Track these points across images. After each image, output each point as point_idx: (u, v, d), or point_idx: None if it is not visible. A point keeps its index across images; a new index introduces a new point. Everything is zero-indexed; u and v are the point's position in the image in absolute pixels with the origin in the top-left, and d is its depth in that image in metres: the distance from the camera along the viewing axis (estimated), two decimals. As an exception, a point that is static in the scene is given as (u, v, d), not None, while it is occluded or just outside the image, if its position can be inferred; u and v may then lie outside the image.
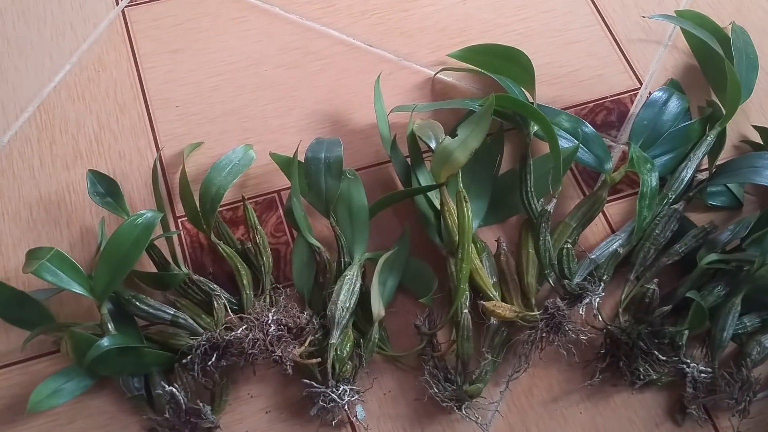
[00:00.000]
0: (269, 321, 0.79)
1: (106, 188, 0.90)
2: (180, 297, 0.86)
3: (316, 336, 0.82)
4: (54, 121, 0.99)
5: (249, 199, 0.92)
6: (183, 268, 0.86)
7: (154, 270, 0.87)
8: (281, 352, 0.78)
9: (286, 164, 0.91)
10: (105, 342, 0.77)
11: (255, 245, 0.88)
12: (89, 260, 0.89)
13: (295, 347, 0.79)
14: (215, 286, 0.85)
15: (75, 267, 0.79)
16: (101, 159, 0.96)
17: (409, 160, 0.91)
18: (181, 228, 0.92)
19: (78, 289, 0.79)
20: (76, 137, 0.98)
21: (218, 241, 0.86)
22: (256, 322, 0.79)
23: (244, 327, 0.79)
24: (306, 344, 0.80)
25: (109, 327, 0.80)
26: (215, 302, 0.84)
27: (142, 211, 0.82)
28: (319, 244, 0.85)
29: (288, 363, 0.78)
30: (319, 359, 0.80)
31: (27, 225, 0.92)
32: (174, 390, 0.78)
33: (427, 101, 1.01)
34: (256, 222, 0.89)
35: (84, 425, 0.82)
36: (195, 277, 0.85)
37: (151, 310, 0.83)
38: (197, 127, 0.98)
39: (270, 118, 0.99)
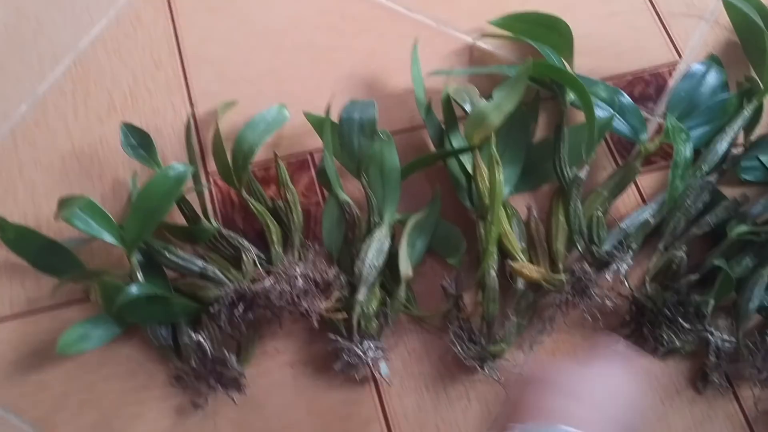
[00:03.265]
0: (297, 275, 0.87)
1: (138, 141, 0.99)
2: (209, 251, 0.94)
3: (343, 293, 0.90)
4: (89, 75, 1.08)
5: (281, 158, 1.00)
6: (213, 223, 0.94)
7: (184, 224, 0.95)
8: (308, 305, 0.86)
9: (319, 123, 0.99)
10: (134, 289, 0.85)
11: (285, 202, 0.96)
12: (120, 212, 0.98)
13: (321, 301, 0.87)
14: (244, 241, 0.93)
15: (106, 216, 0.88)
16: (135, 114, 1.05)
17: (443, 124, 1.00)
18: (212, 184, 1.01)
19: (108, 238, 0.87)
20: (110, 91, 1.07)
21: (249, 198, 0.95)
22: (284, 275, 0.87)
23: (272, 279, 0.87)
24: (332, 299, 0.88)
25: (139, 276, 0.89)
26: (244, 256, 0.91)
27: (174, 164, 0.90)
28: (349, 200, 0.94)
29: (314, 316, 0.86)
30: (345, 315, 0.88)
31: (59, 175, 1.01)
32: (201, 339, 0.86)
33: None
34: (288, 179, 0.97)
35: (111, 372, 0.91)
36: (225, 231, 0.93)
37: (180, 262, 0.91)
38: (232, 86, 1.07)
39: (306, 80, 1.08)
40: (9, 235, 0.91)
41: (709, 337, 0.88)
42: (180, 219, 0.96)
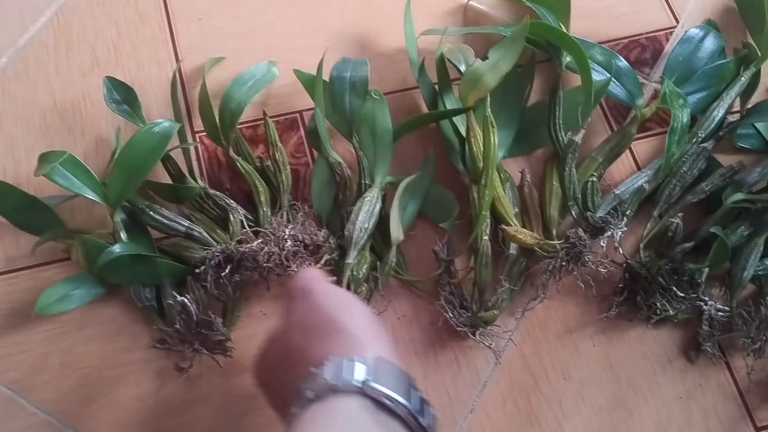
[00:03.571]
0: (285, 236, 0.85)
1: (123, 96, 0.96)
2: (195, 211, 0.93)
3: (333, 256, 0.88)
4: (72, 28, 1.05)
5: (270, 117, 0.98)
6: (199, 182, 0.93)
7: (170, 183, 0.93)
8: (296, 267, 0.84)
9: (309, 82, 0.97)
10: (117, 249, 0.83)
11: (274, 162, 0.94)
12: (103, 169, 0.96)
13: (310, 264, 0.86)
14: (231, 201, 0.92)
15: (88, 172, 0.86)
16: (119, 68, 1.03)
17: (436, 85, 0.98)
18: (199, 143, 0.99)
19: (90, 195, 0.85)
20: (93, 45, 1.04)
21: (237, 157, 0.93)
22: (272, 237, 0.85)
23: (260, 240, 0.85)
24: (322, 262, 0.86)
25: (122, 235, 0.87)
26: (231, 216, 0.90)
27: (160, 120, 0.88)
28: (340, 159, 0.92)
29: None
30: (334, 278, 0.87)
31: (40, 131, 0.99)
32: (185, 300, 0.84)
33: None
34: (277, 138, 0.96)
35: (93, 333, 0.89)
36: (211, 191, 0.92)
37: (165, 221, 0.89)
38: (220, 42, 1.05)
39: (296, 37, 1.06)
40: (-13, 193, 0.89)
41: (703, 306, 0.88)
42: (166, 178, 0.93)
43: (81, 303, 0.88)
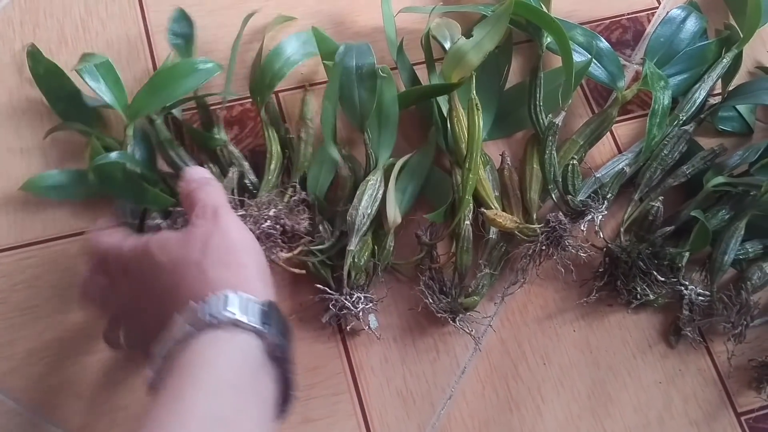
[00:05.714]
0: (267, 216, 0.82)
1: (182, 31, 1.00)
2: (211, 162, 0.91)
3: (307, 248, 0.85)
4: (38, 4, 1.02)
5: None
6: (222, 135, 0.92)
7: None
8: (265, 251, 0.80)
9: (328, 51, 0.93)
10: (114, 154, 0.84)
11: (298, 138, 0.92)
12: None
13: (281, 251, 0.83)
14: (245, 162, 0.90)
15: (119, 82, 0.90)
16: (87, 46, 1.00)
17: (415, 66, 0.96)
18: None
19: (111, 100, 0.88)
20: (61, 22, 1.01)
21: (266, 120, 0.92)
22: (255, 213, 0.82)
23: (240, 213, 0.82)
24: (295, 252, 0.83)
25: (129, 148, 0.87)
26: (229, 172, 0.88)
27: (207, 59, 0.92)
28: (339, 159, 0.89)
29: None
30: (303, 271, 0.85)
31: (6, 110, 0.95)
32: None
33: (437, 7, 1.05)
34: (312, 116, 0.94)
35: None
36: (230, 147, 0.91)
37: (177, 160, 0.89)
38: (194, 20, 1.01)
39: (270, 16, 1.02)
40: (39, 70, 0.93)
41: (683, 290, 0.87)
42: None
43: (67, 197, 0.91)
